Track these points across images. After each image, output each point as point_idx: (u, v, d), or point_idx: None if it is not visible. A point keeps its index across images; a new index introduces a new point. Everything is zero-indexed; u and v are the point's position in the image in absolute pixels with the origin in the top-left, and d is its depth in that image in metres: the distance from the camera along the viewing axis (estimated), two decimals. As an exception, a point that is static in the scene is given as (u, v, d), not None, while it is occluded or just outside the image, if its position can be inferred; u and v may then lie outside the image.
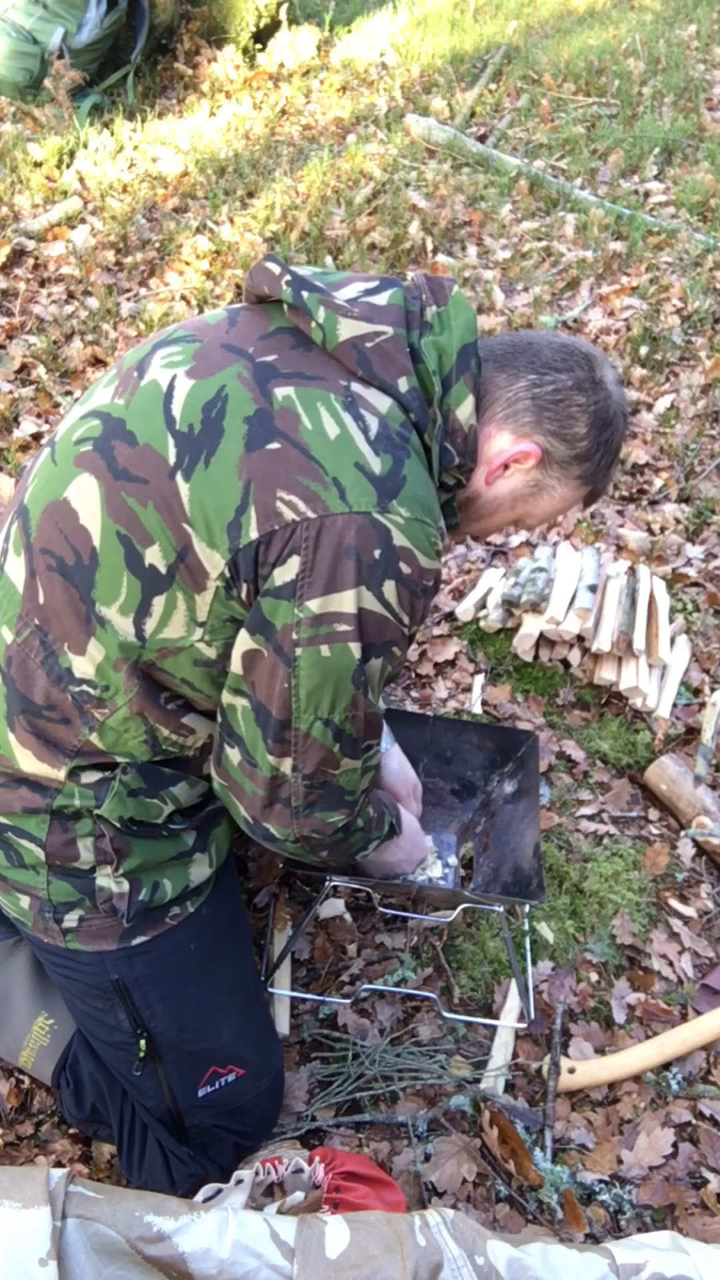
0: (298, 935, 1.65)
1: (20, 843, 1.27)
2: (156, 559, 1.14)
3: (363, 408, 1.12)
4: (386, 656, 1.15)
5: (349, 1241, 1.00)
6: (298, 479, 1.08)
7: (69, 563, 1.17)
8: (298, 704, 1.14)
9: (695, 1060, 1.66)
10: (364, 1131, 1.55)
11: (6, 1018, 1.51)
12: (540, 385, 1.23)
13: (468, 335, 1.20)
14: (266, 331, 1.19)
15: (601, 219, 3.72)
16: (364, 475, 1.08)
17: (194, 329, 1.23)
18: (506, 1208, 1.47)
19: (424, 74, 4.95)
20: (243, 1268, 0.98)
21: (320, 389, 1.12)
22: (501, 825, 1.76)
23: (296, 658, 1.11)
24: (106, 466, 1.15)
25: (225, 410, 1.11)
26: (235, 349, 1.17)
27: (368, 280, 1.23)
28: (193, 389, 1.14)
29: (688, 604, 2.42)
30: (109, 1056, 1.39)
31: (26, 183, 3.77)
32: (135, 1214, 0.99)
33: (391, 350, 1.15)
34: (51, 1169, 1.00)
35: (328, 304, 1.15)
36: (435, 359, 1.18)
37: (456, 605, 2.36)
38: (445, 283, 1.25)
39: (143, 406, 1.16)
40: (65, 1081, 1.47)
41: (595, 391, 1.25)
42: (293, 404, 1.11)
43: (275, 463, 1.08)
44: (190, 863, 1.35)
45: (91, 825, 1.25)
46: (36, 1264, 0.92)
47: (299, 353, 1.16)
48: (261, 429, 1.10)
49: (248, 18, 4.82)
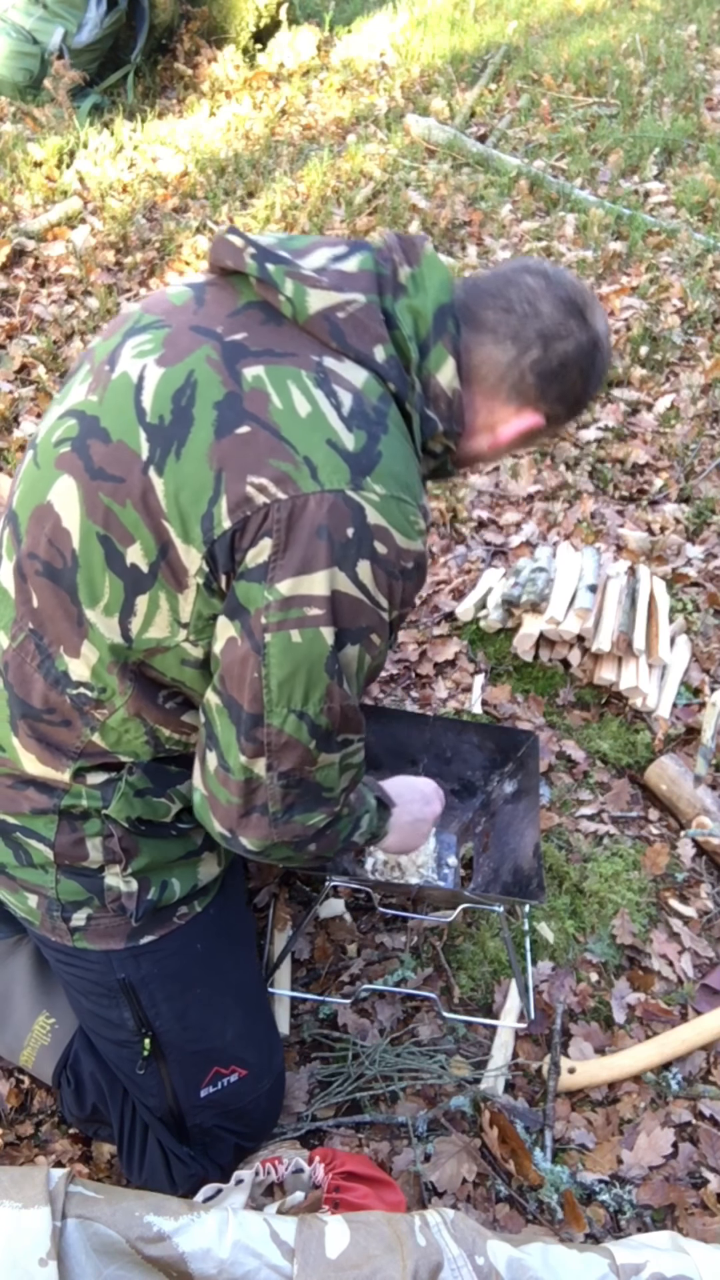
0: (298, 935, 1.65)
1: (29, 842, 1.26)
2: (138, 558, 1.11)
3: (335, 383, 1.08)
4: (364, 644, 1.10)
5: (349, 1241, 1.00)
6: (268, 461, 1.04)
7: (56, 566, 1.15)
8: (269, 696, 1.09)
9: (695, 1060, 1.66)
10: (364, 1131, 1.55)
11: (8, 1017, 1.51)
12: (545, 359, 1.20)
13: (443, 295, 1.16)
14: (235, 308, 1.14)
15: (601, 219, 3.72)
16: (336, 452, 1.05)
17: (162, 313, 1.18)
18: (506, 1208, 1.47)
19: (424, 74, 4.95)
20: (243, 1268, 0.98)
21: (291, 365, 1.08)
22: (501, 825, 1.76)
23: (266, 644, 1.06)
24: (84, 466, 1.12)
25: (194, 397, 1.08)
26: (204, 330, 1.13)
27: (335, 245, 1.19)
28: (162, 378, 1.11)
29: (688, 604, 2.42)
30: (112, 1055, 1.39)
31: (26, 183, 3.77)
32: (135, 1214, 0.99)
33: (364, 319, 1.11)
34: (51, 1169, 1.00)
35: (295, 275, 1.11)
36: (411, 323, 1.14)
37: (456, 605, 2.36)
38: (417, 241, 1.20)
39: (115, 401, 1.13)
40: (66, 1080, 1.46)
41: (595, 352, 1.23)
42: (262, 384, 1.07)
43: (245, 447, 1.05)
44: (199, 862, 1.35)
45: (100, 825, 1.25)
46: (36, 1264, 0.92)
47: (269, 328, 1.11)
48: (231, 413, 1.06)
49: (248, 18, 4.82)
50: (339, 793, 1.22)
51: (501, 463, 2.81)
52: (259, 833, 1.19)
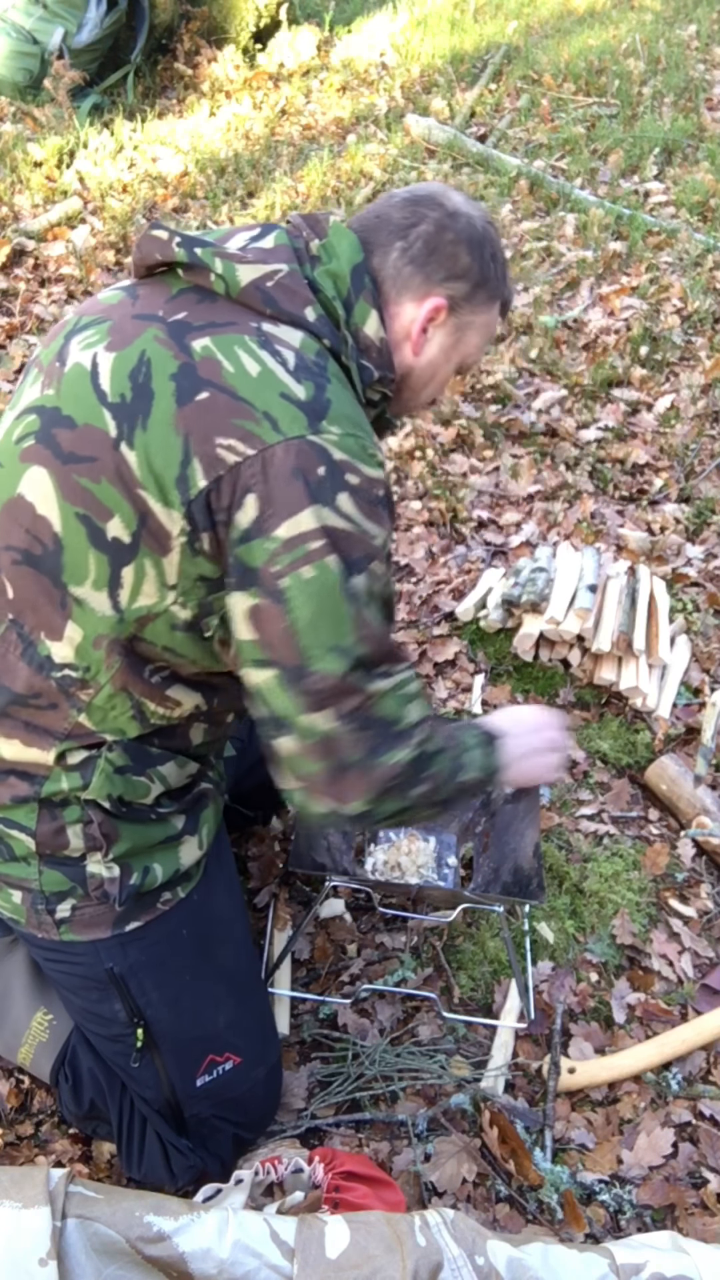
0: (298, 935, 1.65)
1: (11, 834, 1.27)
2: (119, 530, 1.15)
3: (277, 344, 1.15)
4: (367, 575, 1.14)
5: (349, 1241, 1.00)
6: (231, 421, 1.10)
7: (35, 553, 1.18)
8: (304, 641, 1.12)
9: (695, 1060, 1.66)
10: (364, 1131, 1.55)
11: (5, 1014, 1.51)
12: (409, 246, 1.27)
13: (355, 255, 1.24)
14: (170, 295, 1.21)
15: (601, 219, 3.72)
16: (290, 403, 1.11)
17: (99, 311, 1.24)
18: (506, 1208, 1.47)
19: (424, 74, 4.95)
20: (243, 1268, 0.98)
21: (234, 333, 1.15)
22: (501, 825, 1.76)
23: (284, 589, 1.11)
24: (53, 454, 1.17)
25: (150, 373, 1.14)
26: (145, 315, 1.19)
27: (249, 229, 1.27)
28: (115, 361, 1.16)
29: (688, 604, 2.42)
30: (107, 1050, 1.39)
31: (26, 183, 3.77)
32: (135, 1214, 0.99)
33: (291, 284, 1.19)
34: (51, 1169, 1.00)
35: (222, 255, 1.18)
36: (331, 286, 1.22)
37: (456, 605, 2.36)
38: (321, 217, 1.29)
39: (73, 390, 1.18)
40: (64, 1077, 1.47)
41: (455, 221, 1.28)
42: (211, 352, 1.13)
43: (207, 411, 1.11)
44: (179, 845, 1.35)
45: (80, 811, 1.26)
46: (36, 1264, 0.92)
47: (205, 305, 1.18)
48: (188, 382, 1.12)
49: (248, 18, 4.82)
50: (411, 724, 1.22)
51: (501, 463, 2.81)
52: (357, 788, 1.19)
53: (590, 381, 3.07)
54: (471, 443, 2.89)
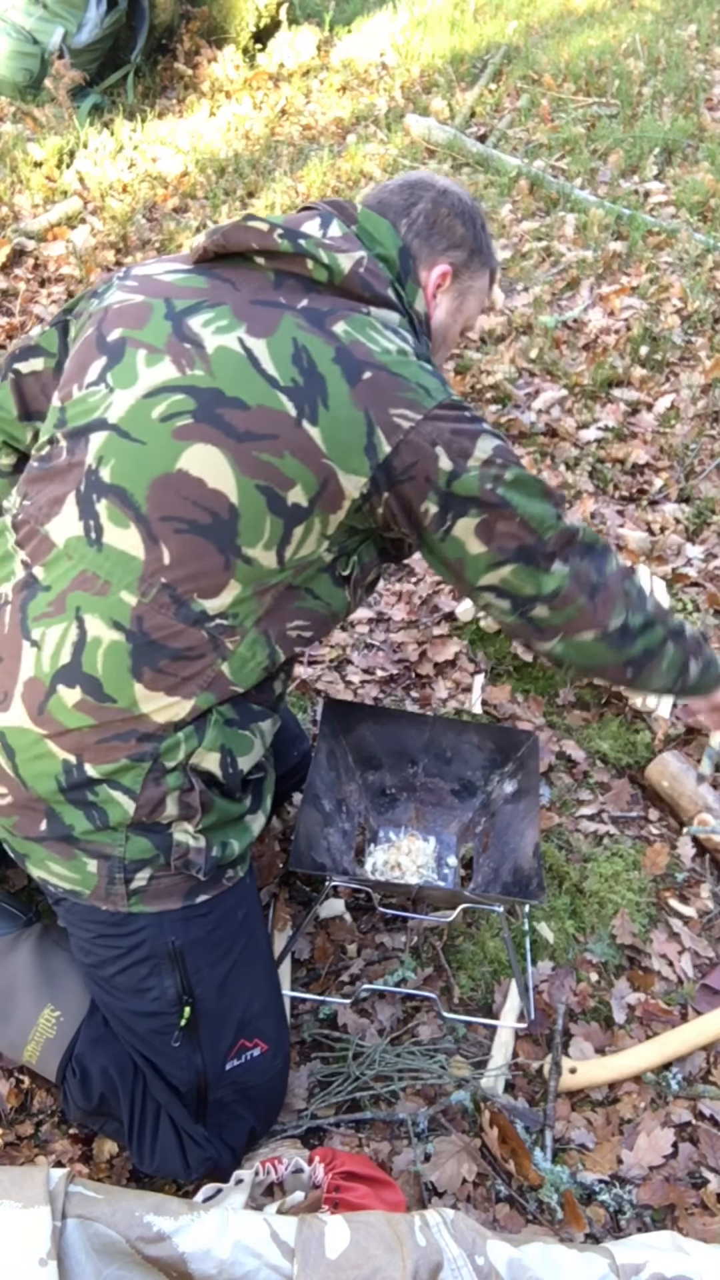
0: (298, 935, 1.65)
1: (113, 796, 1.30)
2: (299, 497, 1.28)
3: (391, 325, 1.33)
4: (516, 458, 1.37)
5: (349, 1241, 1.00)
6: (397, 394, 1.27)
7: (204, 522, 1.27)
8: (534, 522, 1.33)
9: (695, 1060, 1.66)
10: (364, 1131, 1.55)
11: (11, 1013, 1.51)
12: (413, 222, 1.44)
13: (397, 240, 1.41)
14: (271, 282, 1.33)
15: (601, 219, 3.72)
16: (428, 374, 1.31)
17: (195, 296, 1.33)
18: (506, 1208, 1.47)
19: (424, 74, 4.95)
20: (243, 1268, 0.98)
21: (357, 316, 1.31)
22: (501, 825, 1.76)
23: (503, 495, 1.32)
24: (225, 434, 1.27)
25: (312, 359, 1.27)
26: (268, 303, 1.31)
27: (309, 218, 1.39)
28: (270, 347, 1.27)
29: (688, 604, 2.42)
30: (142, 1028, 1.41)
31: (26, 183, 3.77)
32: (135, 1214, 0.99)
33: (373, 269, 1.35)
34: (51, 1169, 1.00)
35: (322, 245, 1.31)
36: (387, 269, 1.38)
37: (457, 605, 2.36)
38: (347, 204, 1.42)
39: (232, 373, 1.27)
40: (72, 1072, 1.47)
41: (447, 197, 1.47)
42: (353, 336, 1.28)
43: (376, 388, 1.27)
44: (248, 819, 1.42)
45: (181, 778, 1.31)
46: (36, 1264, 0.93)
47: (316, 294, 1.32)
48: (350, 364, 1.27)
49: (248, 18, 4.82)
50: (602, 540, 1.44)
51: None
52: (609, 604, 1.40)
53: (590, 381, 3.07)
54: (471, 443, 2.88)
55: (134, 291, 1.36)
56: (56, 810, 1.32)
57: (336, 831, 1.75)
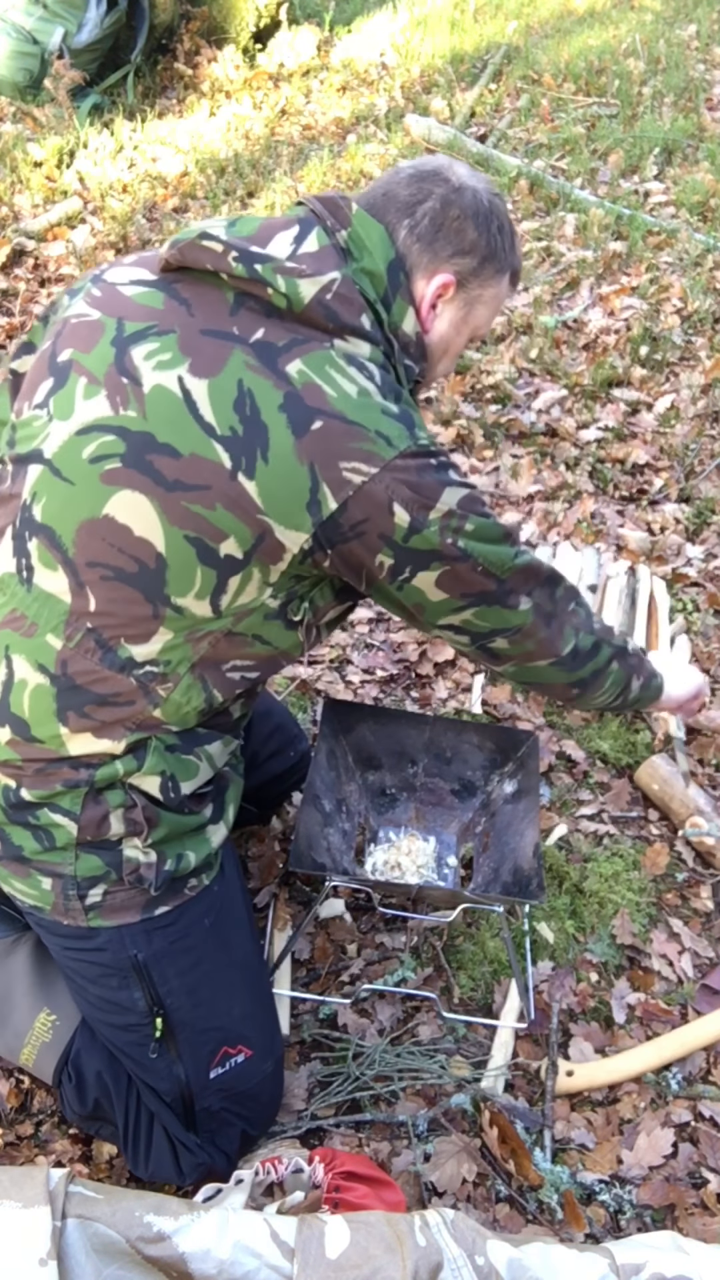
0: (298, 935, 1.65)
1: (53, 819, 1.28)
2: (232, 549, 1.20)
3: (359, 359, 1.22)
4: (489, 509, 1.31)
5: (349, 1241, 1.00)
6: (351, 446, 1.18)
7: (130, 570, 1.21)
8: (495, 569, 1.28)
9: (695, 1060, 1.66)
10: (364, 1131, 1.55)
11: (8, 1016, 1.51)
12: (416, 224, 1.29)
13: (388, 252, 1.27)
14: (229, 304, 1.22)
15: (601, 219, 3.72)
16: (391, 418, 1.20)
17: (148, 318, 1.23)
18: (506, 1208, 1.47)
19: (424, 74, 4.95)
20: (243, 1268, 0.98)
21: (316, 351, 1.19)
22: (501, 825, 1.76)
23: (464, 547, 1.25)
24: (154, 481, 1.19)
25: (256, 406, 1.17)
26: (220, 334, 1.20)
27: (286, 227, 1.26)
28: (211, 391, 1.18)
29: (688, 604, 2.42)
30: (121, 1041, 1.40)
31: (26, 183, 3.77)
32: (135, 1214, 0.99)
33: (346, 293, 1.22)
34: (51, 1169, 1.00)
35: (281, 270, 1.19)
36: (370, 287, 1.24)
37: (456, 605, 2.36)
38: (341, 203, 1.28)
39: (166, 416, 1.19)
40: (68, 1076, 1.47)
41: (461, 197, 1.30)
42: (308, 377, 1.18)
43: (325, 439, 1.17)
44: (208, 829, 1.39)
45: (124, 796, 1.28)
46: (36, 1264, 0.92)
47: (275, 321, 1.20)
48: (298, 412, 1.17)
49: (248, 18, 4.82)
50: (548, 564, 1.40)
51: (501, 463, 2.81)
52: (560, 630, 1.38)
53: (590, 381, 3.07)
54: (471, 443, 2.89)
55: (94, 304, 1.27)
56: (6, 831, 1.30)
57: (336, 831, 1.75)
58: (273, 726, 1.80)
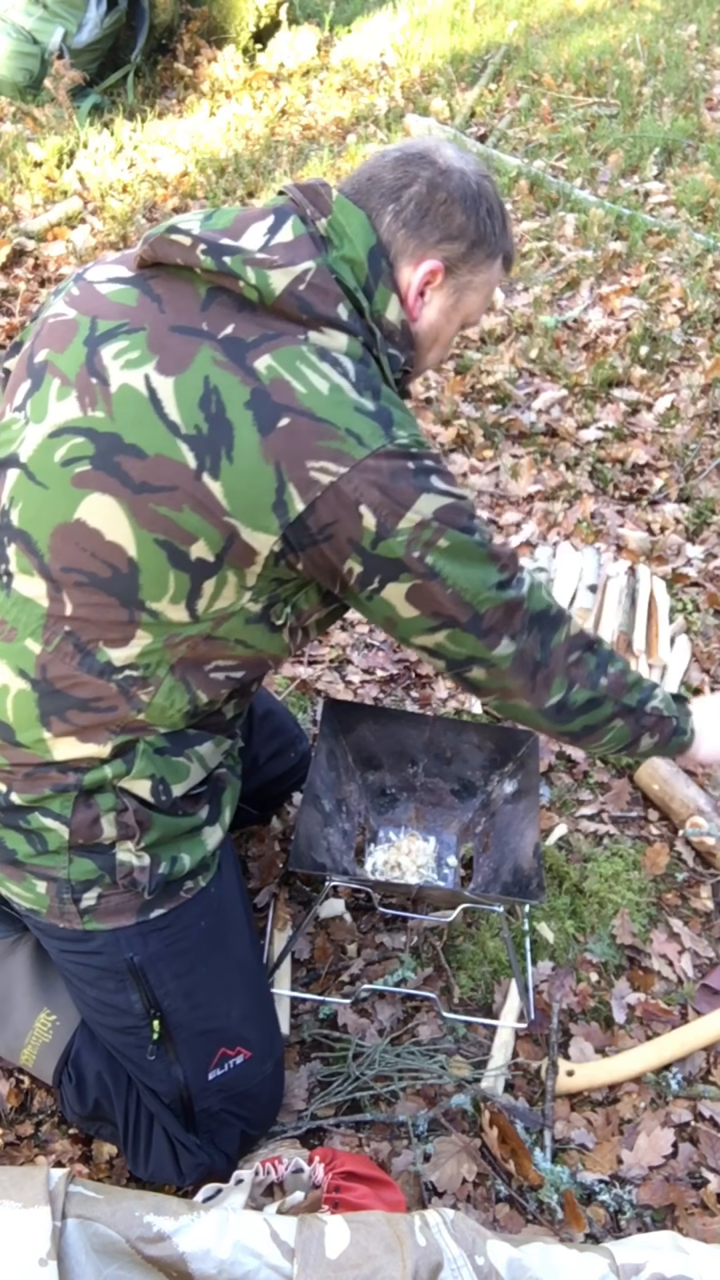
0: (298, 935, 1.65)
1: (45, 823, 1.27)
2: (203, 552, 1.17)
3: (333, 353, 1.16)
4: (477, 526, 1.23)
5: (349, 1241, 1.00)
6: (318, 444, 1.13)
7: (103, 575, 1.19)
8: (468, 595, 1.21)
9: (695, 1060, 1.66)
10: (364, 1131, 1.55)
11: (8, 1016, 1.51)
12: (401, 209, 1.24)
13: (369, 238, 1.22)
14: (201, 299, 1.18)
15: (601, 219, 3.72)
16: (366, 416, 1.15)
17: (120, 315, 1.20)
18: (506, 1208, 1.47)
19: (424, 74, 4.95)
20: (243, 1268, 0.98)
21: (288, 345, 1.15)
22: (501, 825, 1.76)
23: (433, 565, 1.19)
24: (121, 483, 1.16)
25: (222, 403, 1.14)
26: (188, 330, 1.17)
27: (262, 218, 1.22)
28: (177, 388, 1.15)
29: (688, 604, 2.42)
30: (119, 1043, 1.40)
31: (26, 183, 3.77)
32: (135, 1214, 0.99)
33: (321, 283, 1.17)
34: (51, 1169, 1.00)
35: (252, 261, 1.15)
36: (351, 275, 1.20)
37: (456, 605, 2.36)
38: (321, 189, 1.24)
39: (132, 417, 1.16)
40: (68, 1077, 1.47)
41: (448, 180, 1.24)
42: (277, 372, 1.13)
43: (292, 437, 1.13)
44: (204, 832, 1.37)
45: (115, 799, 1.27)
46: (36, 1264, 0.92)
47: (247, 315, 1.17)
48: (265, 409, 1.13)
49: (248, 18, 4.82)
50: (554, 606, 1.32)
51: (501, 463, 2.81)
52: (551, 681, 1.30)
53: (590, 381, 3.07)
54: (471, 443, 2.89)
55: (71, 304, 1.25)
56: (0, 835, 1.30)
57: (336, 831, 1.75)
58: (273, 728, 1.80)
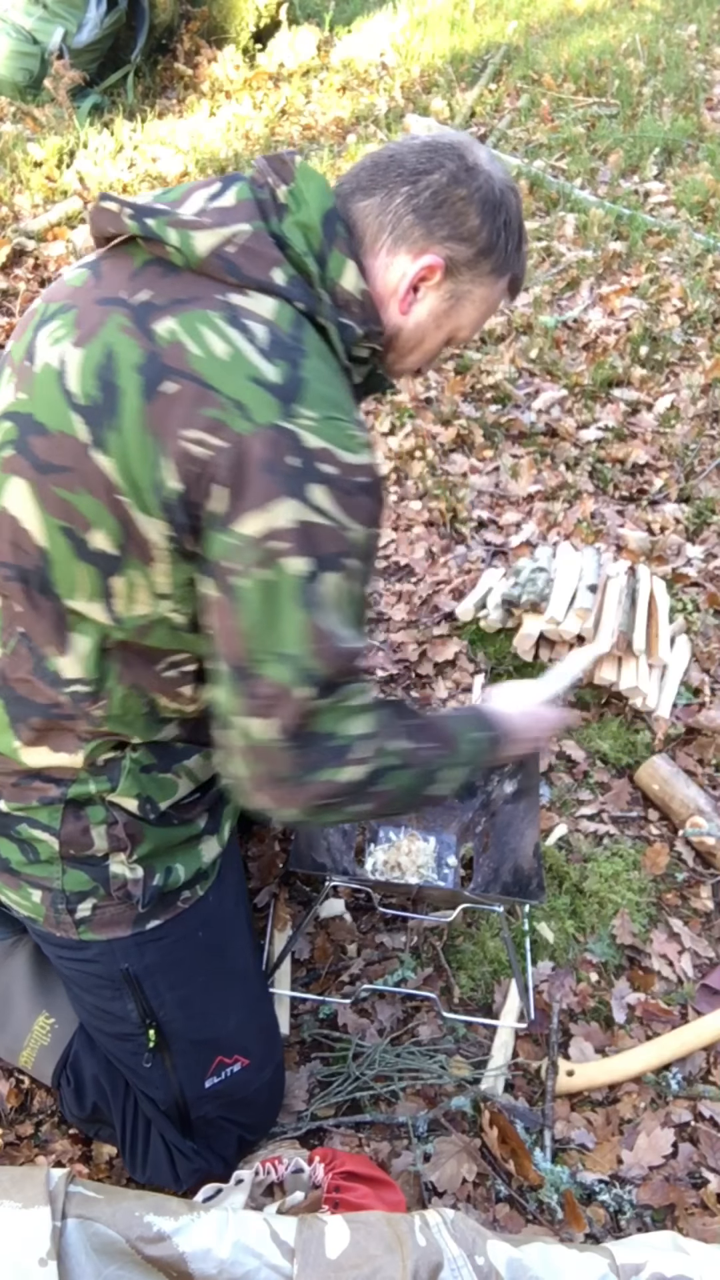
0: (298, 935, 1.65)
1: (34, 834, 1.26)
2: (103, 542, 1.10)
3: (246, 318, 1.06)
4: (340, 572, 1.06)
5: (349, 1241, 1.00)
6: (199, 412, 1.03)
7: (26, 567, 1.14)
8: (251, 644, 1.06)
9: (695, 1060, 1.66)
10: (364, 1131, 1.55)
11: (6, 1018, 1.51)
12: (416, 194, 1.15)
13: (326, 201, 1.13)
14: (133, 270, 1.13)
15: (601, 219, 3.72)
16: (261, 387, 1.03)
17: (65, 297, 1.16)
18: (506, 1208, 1.47)
19: (424, 74, 4.95)
20: (243, 1268, 0.98)
21: (199, 309, 1.06)
22: (501, 825, 1.76)
23: (237, 589, 1.04)
24: (31, 464, 1.11)
25: (117, 367, 1.06)
26: (109, 300, 1.11)
27: (209, 185, 1.17)
28: (83, 357, 1.09)
29: (688, 604, 2.42)
30: (116, 1050, 1.39)
31: (26, 183, 3.77)
32: (135, 1214, 0.99)
33: (255, 246, 1.09)
34: (51, 1169, 1.00)
35: (175, 223, 1.09)
36: (302, 239, 1.11)
37: (456, 605, 2.36)
38: (286, 157, 1.17)
39: (43, 393, 1.11)
40: (66, 1080, 1.47)
41: (473, 178, 1.16)
42: (176, 335, 1.05)
43: (172, 404, 1.04)
44: (201, 843, 1.35)
45: (104, 812, 1.25)
46: (36, 1264, 0.92)
47: (170, 280, 1.10)
48: (153, 372, 1.05)
49: (248, 18, 4.82)
50: (351, 739, 1.13)
51: (501, 463, 2.81)
52: (287, 801, 1.13)
53: (590, 381, 3.07)
54: (471, 443, 2.89)
55: (43, 296, 1.22)
56: None
57: (336, 831, 1.75)
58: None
